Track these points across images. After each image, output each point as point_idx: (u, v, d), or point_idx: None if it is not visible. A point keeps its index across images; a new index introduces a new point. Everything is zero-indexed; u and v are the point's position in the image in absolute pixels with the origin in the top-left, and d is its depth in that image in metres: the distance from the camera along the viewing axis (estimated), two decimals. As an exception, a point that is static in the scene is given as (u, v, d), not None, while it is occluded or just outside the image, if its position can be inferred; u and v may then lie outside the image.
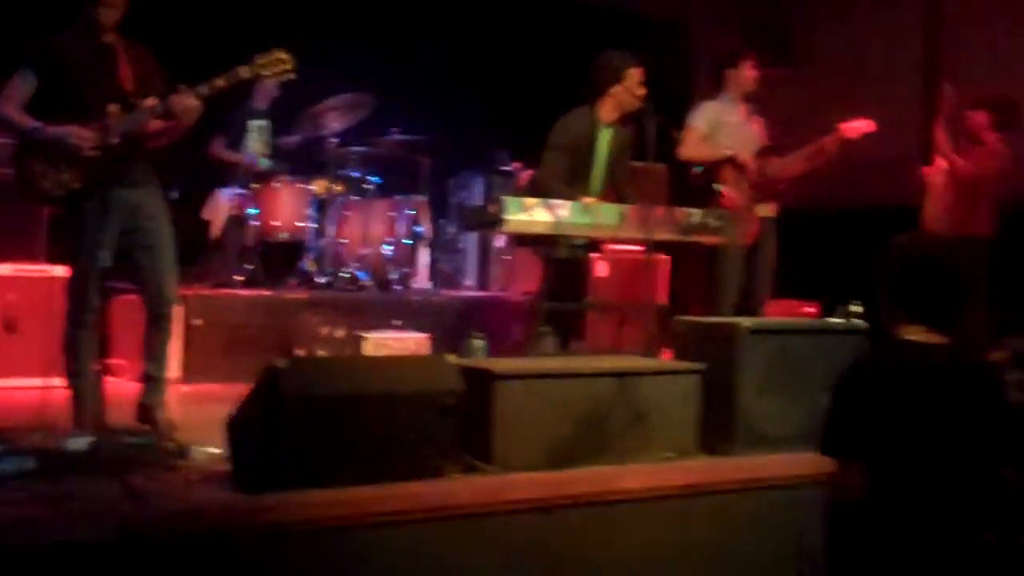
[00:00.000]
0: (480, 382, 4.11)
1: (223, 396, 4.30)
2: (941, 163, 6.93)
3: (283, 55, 4.60)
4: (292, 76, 4.66)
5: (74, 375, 4.61)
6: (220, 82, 4.56)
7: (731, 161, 6.44)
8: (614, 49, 6.08)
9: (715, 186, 6.39)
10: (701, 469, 4.44)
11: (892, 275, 3.13)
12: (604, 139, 6.13)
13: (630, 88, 5.98)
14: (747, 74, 6.61)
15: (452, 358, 4.13)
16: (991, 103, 6.85)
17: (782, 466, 4.41)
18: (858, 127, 6.38)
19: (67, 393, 4.62)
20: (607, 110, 6.08)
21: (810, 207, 8.25)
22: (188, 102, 4.52)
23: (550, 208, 5.29)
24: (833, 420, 3.01)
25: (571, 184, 5.97)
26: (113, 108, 4.50)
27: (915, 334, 3.06)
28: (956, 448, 2.96)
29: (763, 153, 6.61)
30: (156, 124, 4.62)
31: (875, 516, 2.95)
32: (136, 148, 4.63)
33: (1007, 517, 3.34)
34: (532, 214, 5.23)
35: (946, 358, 3.04)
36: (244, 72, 4.59)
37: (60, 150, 4.49)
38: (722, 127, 6.57)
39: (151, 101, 4.55)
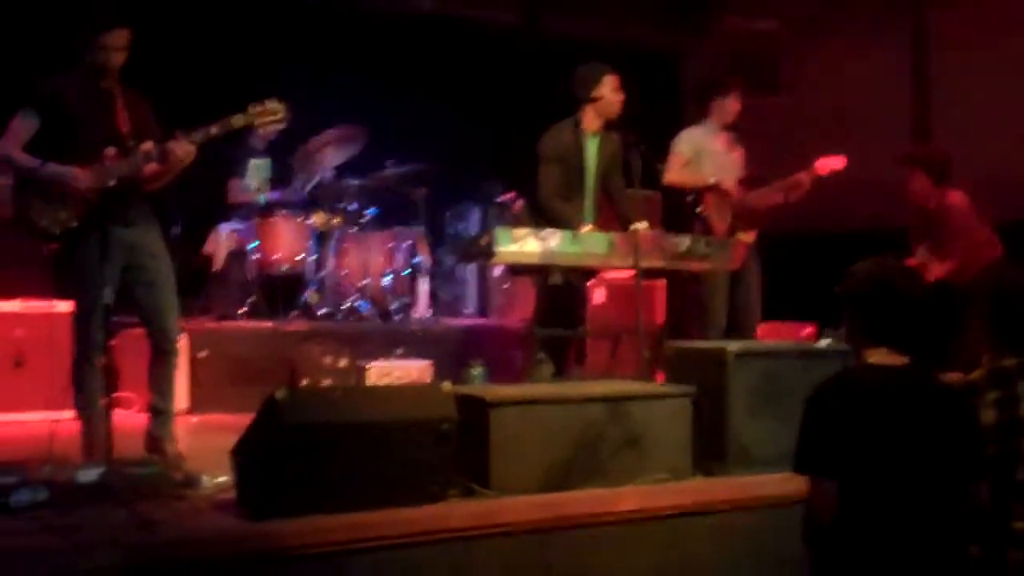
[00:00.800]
0: (476, 409, 4.22)
1: (229, 426, 4.41)
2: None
3: (276, 105, 4.72)
4: (283, 126, 4.77)
5: (83, 408, 4.73)
6: (214, 130, 4.71)
7: (714, 188, 6.60)
8: (589, 62, 6.22)
9: (698, 211, 6.55)
10: (695, 490, 4.54)
11: (853, 299, 3.25)
12: (592, 148, 6.26)
13: (607, 94, 6.12)
14: (731, 106, 6.78)
15: (448, 386, 4.23)
16: (923, 163, 6.67)
17: (775, 486, 4.48)
18: (830, 164, 6.54)
19: (76, 426, 4.74)
20: (589, 119, 6.21)
21: (807, 229, 8.40)
22: (182, 148, 4.66)
23: (540, 238, 5.40)
24: (804, 439, 3.11)
25: (567, 198, 6.10)
26: (110, 151, 4.64)
27: (878, 356, 3.17)
28: (921, 466, 3.05)
29: (744, 182, 6.76)
30: (151, 168, 4.75)
31: (848, 533, 3.04)
32: (133, 189, 4.76)
33: (988, 531, 3.45)
34: (523, 245, 5.33)
35: (907, 379, 3.14)
36: (237, 121, 4.72)
37: (58, 189, 4.62)
38: (704, 154, 6.73)
39: (147, 146, 4.68)
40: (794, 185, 6.64)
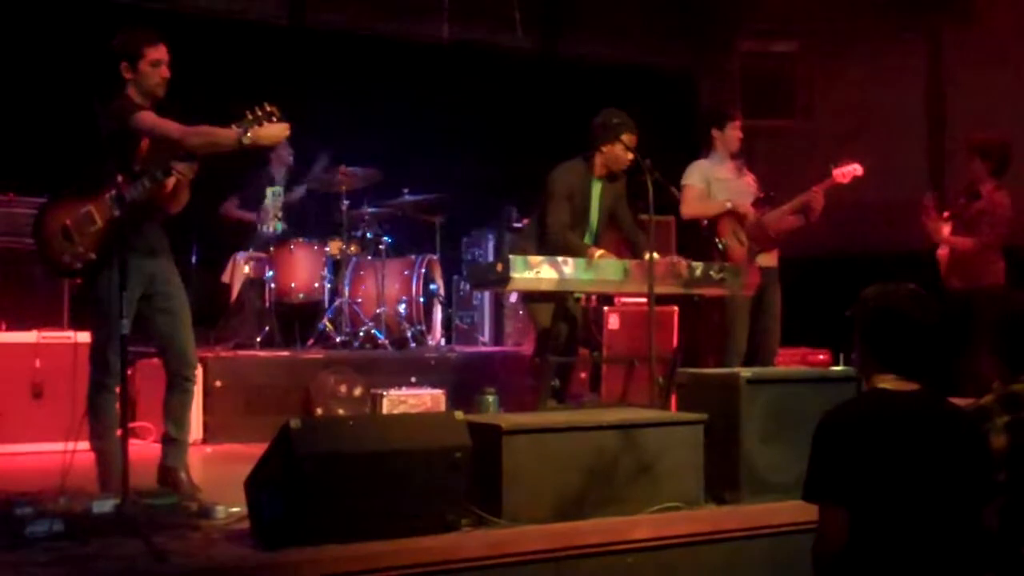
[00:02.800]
0: (488, 437, 4.23)
1: (245, 456, 4.44)
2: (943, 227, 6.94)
3: (270, 108, 4.71)
4: (286, 134, 4.78)
5: (98, 439, 4.75)
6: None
7: (730, 213, 6.61)
8: (617, 109, 6.21)
9: (717, 241, 6.56)
10: (708, 518, 4.53)
11: (861, 325, 3.26)
12: (596, 191, 6.31)
13: (618, 151, 6.14)
14: (732, 134, 6.80)
15: (460, 414, 4.25)
16: (982, 150, 6.85)
17: (789, 513, 4.46)
18: (849, 171, 6.55)
19: (92, 457, 4.77)
20: (598, 165, 6.25)
21: (823, 254, 8.41)
22: (183, 164, 4.68)
23: (555, 265, 5.42)
24: (813, 466, 3.10)
25: (572, 230, 6.13)
26: (119, 178, 4.60)
27: (886, 382, 3.17)
28: (933, 492, 3.04)
29: (759, 203, 6.77)
30: (165, 190, 4.77)
31: (859, 561, 3.03)
32: (148, 216, 4.80)
33: (1001, 557, 3.43)
34: (538, 272, 5.35)
35: (917, 404, 3.13)
36: (244, 138, 4.66)
37: (76, 224, 4.69)
38: (715, 183, 6.75)
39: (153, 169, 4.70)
40: (810, 199, 6.64)
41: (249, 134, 4.61)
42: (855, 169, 6.57)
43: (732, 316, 6.55)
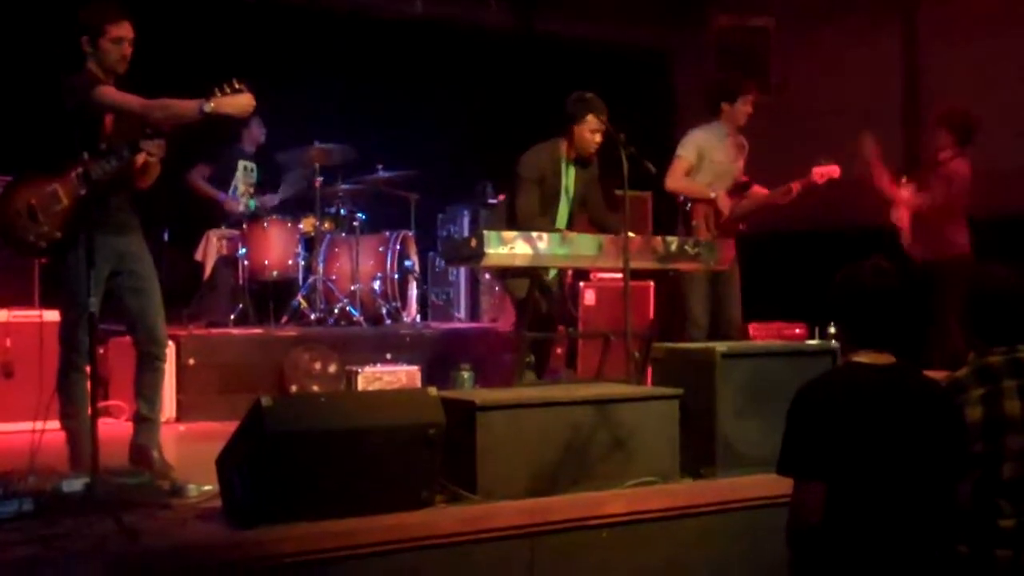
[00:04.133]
0: (462, 413, 4.21)
1: (218, 434, 4.38)
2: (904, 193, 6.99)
3: (239, 83, 4.66)
4: (252, 105, 4.73)
5: (68, 418, 4.71)
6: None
7: (711, 202, 6.63)
8: (586, 92, 6.11)
9: (691, 221, 6.58)
10: (683, 492, 4.52)
11: (837, 300, 3.26)
12: (569, 175, 6.27)
13: (584, 134, 6.11)
14: (743, 109, 6.74)
15: (433, 391, 4.21)
16: (947, 121, 6.90)
17: (764, 487, 4.45)
18: (827, 173, 6.56)
19: (62, 436, 4.72)
20: (568, 147, 6.23)
21: (799, 229, 8.41)
22: (152, 144, 4.64)
23: (530, 240, 5.38)
24: (789, 440, 3.10)
25: (542, 215, 6.10)
26: (85, 156, 4.54)
27: (862, 356, 3.18)
28: (908, 465, 3.04)
29: (736, 191, 6.77)
30: (135, 165, 4.72)
31: (834, 534, 3.03)
32: (115, 193, 4.74)
33: (975, 529, 3.44)
34: (512, 247, 5.31)
35: (892, 377, 3.14)
36: (206, 106, 4.63)
37: (41, 203, 4.61)
38: (707, 163, 6.71)
39: (121, 147, 4.65)
40: (784, 193, 6.67)
41: (212, 103, 4.57)
42: (832, 171, 6.58)
43: (688, 290, 6.56)
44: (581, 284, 7.77)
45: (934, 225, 6.83)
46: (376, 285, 8.20)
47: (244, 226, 7.96)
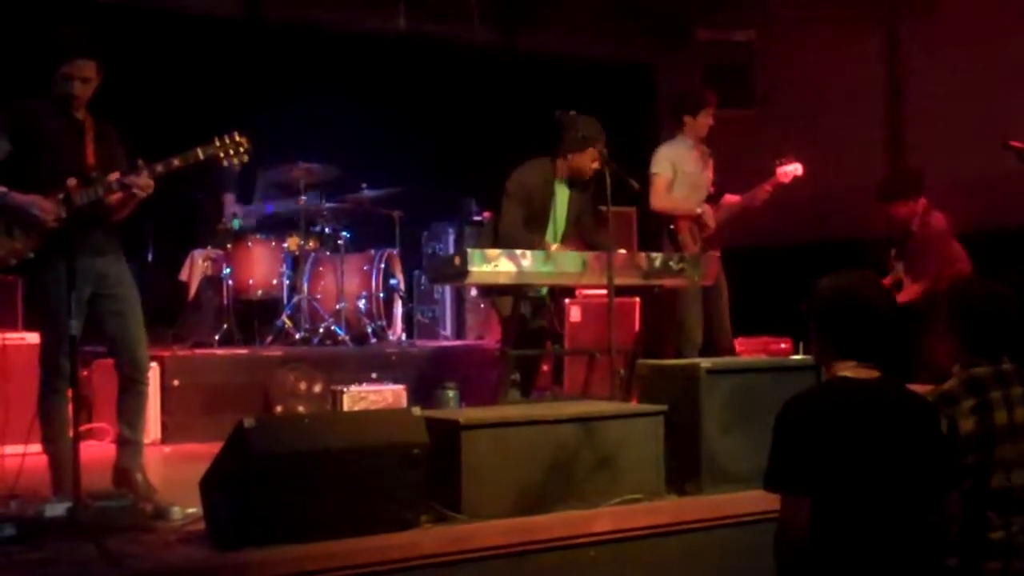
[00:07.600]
0: (447, 432, 4.18)
1: (203, 455, 4.35)
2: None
3: (241, 139, 4.67)
4: (246, 159, 4.73)
5: (49, 442, 4.66)
6: (176, 162, 4.64)
7: (696, 217, 6.65)
8: (588, 118, 6.07)
9: (675, 235, 6.58)
10: (669, 509, 4.51)
11: (817, 314, 3.25)
12: (562, 194, 6.27)
13: (584, 163, 6.12)
14: (704, 121, 6.78)
15: (417, 410, 4.20)
16: (892, 192, 6.76)
17: (751, 503, 4.45)
18: (790, 171, 6.58)
19: (44, 459, 4.69)
20: (562, 168, 6.22)
21: (783, 242, 8.43)
22: (143, 181, 4.59)
23: (513, 258, 5.38)
24: (775, 455, 3.09)
25: (531, 232, 6.10)
26: (72, 182, 4.49)
27: (846, 370, 3.16)
28: (895, 478, 3.03)
29: (709, 201, 6.80)
30: (116, 197, 4.68)
31: (821, 550, 3.02)
32: (98, 219, 4.70)
33: (965, 542, 3.44)
34: (496, 265, 5.31)
35: (878, 391, 3.13)
36: (201, 153, 4.64)
37: (17, 218, 4.54)
38: (681, 175, 6.74)
39: (111, 177, 4.61)
40: (755, 195, 6.68)
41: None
42: (796, 169, 6.61)
43: (685, 306, 6.57)
44: (567, 301, 7.78)
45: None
46: (361, 304, 8.18)
47: (228, 246, 7.94)
